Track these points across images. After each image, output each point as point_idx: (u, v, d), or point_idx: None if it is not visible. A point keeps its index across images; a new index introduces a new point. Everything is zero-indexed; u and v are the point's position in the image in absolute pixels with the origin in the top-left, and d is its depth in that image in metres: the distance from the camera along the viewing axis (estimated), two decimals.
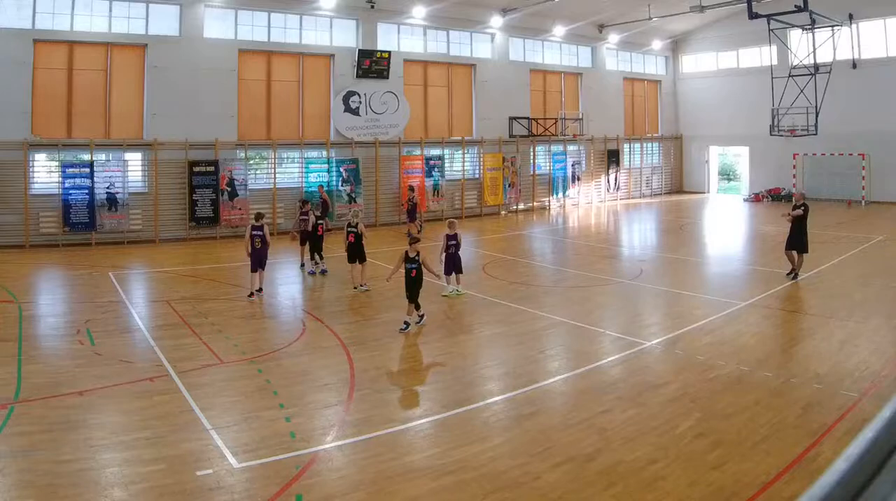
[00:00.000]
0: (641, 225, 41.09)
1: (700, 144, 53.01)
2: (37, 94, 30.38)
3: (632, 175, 51.63)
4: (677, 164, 54.37)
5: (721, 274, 24.74)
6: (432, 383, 13.77)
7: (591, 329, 17.18)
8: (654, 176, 53.13)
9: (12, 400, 12.02)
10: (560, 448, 10.29)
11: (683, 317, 18.12)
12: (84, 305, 19.89)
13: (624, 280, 23.43)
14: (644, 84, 52.43)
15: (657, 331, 16.83)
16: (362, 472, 9.71)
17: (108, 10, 31.75)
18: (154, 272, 25.77)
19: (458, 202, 41.77)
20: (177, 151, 32.87)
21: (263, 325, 18.39)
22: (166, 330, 16.99)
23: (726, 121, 49.85)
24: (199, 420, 11.36)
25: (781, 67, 41.13)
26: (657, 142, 53.40)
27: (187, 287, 22.57)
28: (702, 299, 20.33)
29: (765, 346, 15.76)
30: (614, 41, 49.05)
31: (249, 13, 35.22)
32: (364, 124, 38.36)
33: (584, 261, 27.77)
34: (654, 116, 53.45)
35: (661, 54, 53.15)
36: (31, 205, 30.07)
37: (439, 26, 41.23)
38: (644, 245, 34.17)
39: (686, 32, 51.78)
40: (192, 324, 17.49)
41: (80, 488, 9.10)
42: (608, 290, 21.99)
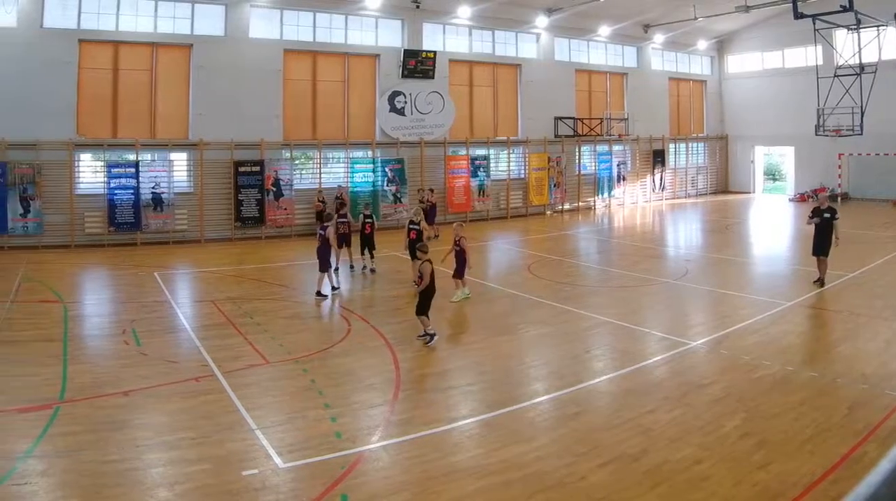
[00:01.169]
0: (687, 225, 39.23)
1: (745, 144, 50.62)
2: (82, 94, 29.08)
3: (677, 175, 49.36)
4: (723, 164, 51.93)
5: (766, 274, 23.64)
6: (477, 383, 13.11)
7: (636, 329, 16.51)
8: (699, 176, 50.79)
9: (57, 400, 11.67)
10: (605, 448, 9.96)
11: (729, 317, 17.40)
12: (129, 305, 19.08)
13: (669, 280, 22.43)
14: (689, 84, 50.05)
15: (702, 331, 16.18)
16: (407, 472, 9.42)
17: (153, 9, 30.34)
18: (199, 272, 24.79)
19: (503, 202, 39.89)
20: (222, 151, 31.42)
21: (309, 325, 17.69)
22: (212, 330, 16.39)
23: (771, 121, 47.51)
24: (244, 420, 11.02)
25: (827, 67, 39.18)
26: (702, 143, 51.05)
27: (233, 287, 21.70)
28: (747, 299, 19.45)
29: (810, 346, 15.53)
30: (660, 41, 46.85)
31: (295, 13, 33.66)
32: (409, 124, 36.70)
33: (629, 261, 26.46)
34: (700, 116, 51.08)
35: (706, 54, 50.74)
36: (76, 205, 28.78)
37: (484, 26, 39.37)
38: (689, 245, 32.70)
39: (731, 32, 49.35)
40: (237, 324, 16.85)
41: (124, 488, 8.84)
42: (653, 290, 21.08)
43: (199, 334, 16.07)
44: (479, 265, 26.47)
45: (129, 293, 20.84)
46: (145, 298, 19.94)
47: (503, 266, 27.08)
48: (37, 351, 14.51)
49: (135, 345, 15.05)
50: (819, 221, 20.25)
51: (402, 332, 16.24)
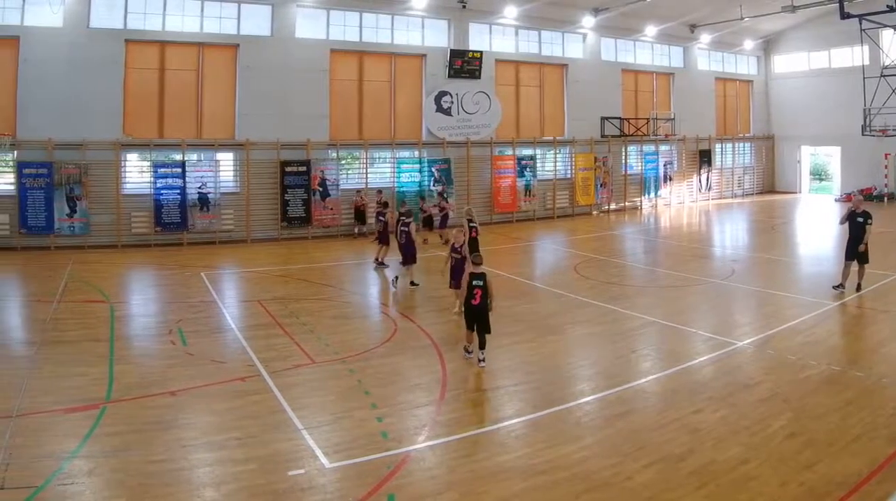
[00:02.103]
0: (733, 225, 37.31)
1: (792, 144, 47.96)
2: (128, 95, 27.74)
3: (723, 175, 46.88)
4: (769, 164, 49.27)
5: (812, 274, 22.46)
6: (524, 383, 12.60)
7: (682, 329, 15.91)
8: (745, 176, 48.21)
9: (104, 400, 11.33)
10: (652, 448, 9.64)
11: (775, 317, 16.75)
12: (176, 305, 18.46)
13: (715, 280, 21.54)
14: (736, 84, 47.48)
15: (749, 331, 15.59)
16: (454, 472, 9.12)
17: (199, 10, 28.90)
18: (246, 272, 23.64)
19: (549, 202, 37.88)
20: (268, 151, 29.91)
21: (355, 325, 16.86)
22: (258, 330, 15.86)
23: (818, 121, 44.91)
24: (290, 420, 10.68)
25: (873, 67, 37.50)
26: (749, 143, 48.45)
27: (279, 287, 20.87)
28: (793, 299, 18.69)
29: (856, 346, 15.01)
30: (706, 41, 44.40)
31: (341, 13, 32.01)
32: (456, 124, 34.89)
33: (675, 261, 25.36)
34: (746, 116, 48.46)
35: (752, 54, 48.12)
36: (122, 205, 27.46)
37: (531, 26, 37.37)
38: (736, 245, 31.10)
39: (778, 32, 46.78)
40: (283, 324, 16.28)
41: (171, 488, 8.58)
42: (700, 290, 20.29)
43: (245, 334, 15.51)
44: (527, 265, 26.10)
45: (176, 293, 20.13)
46: (191, 298, 19.21)
47: (550, 266, 26.05)
48: (83, 351, 14.02)
49: (181, 345, 14.59)
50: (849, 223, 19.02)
51: (448, 332, 15.65)
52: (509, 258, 26.86)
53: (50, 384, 12.05)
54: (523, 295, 19.59)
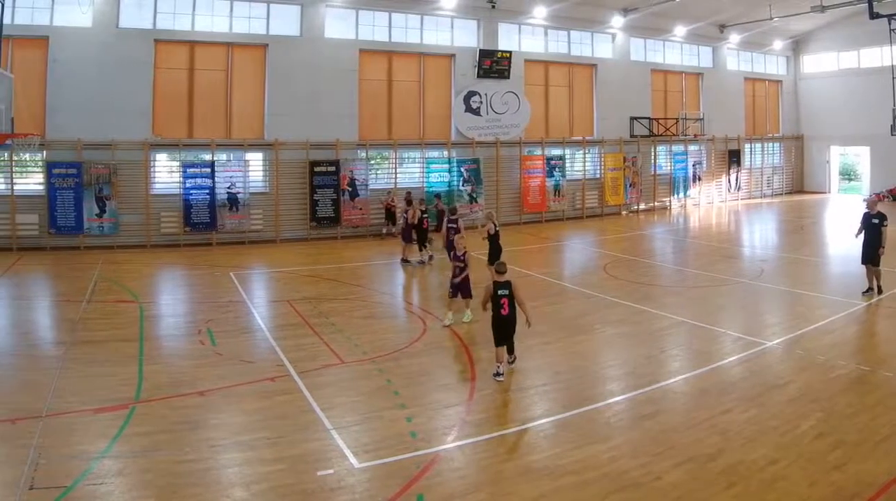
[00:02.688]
0: (762, 225, 35.87)
1: (821, 144, 46.08)
2: (157, 94, 26.76)
3: (752, 175, 45.05)
4: (798, 164, 47.36)
5: (842, 274, 21.43)
6: (553, 383, 12.21)
7: (711, 329, 15.37)
8: (774, 176, 46.35)
9: (133, 400, 11.05)
10: (681, 449, 9.38)
11: (804, 317, 16.21)
12: (205, 305, 17.94)
13: (744, 280, 20.77)
14: (765, 84, 45.65)
15: (778, 331, 15.07)
16: (483, 472, 8.94)
17: (228, 10, 27.87)
18: (275, 272, 22.80)
19: (578, 202, 36.45)
20: (297, 151, 28.80)
21: (384, 325, 16.31)
22: (287, 330, 15.38)
23: (847, 121, 43.12)
24: (319, 420, 10.39)
25: None
26: (778, 143, 46.53)
27: (308, 287, 20.19)
28: (822, 299, 18.11)
29: (886, 346, 14.47)
30: (735, 41, 42.74)
31: (370, 13, 30.84)
32: (485, 124, 33.56)
33: (704, 261, 24.33)
34: (775, 116, 46.59)
35: (781, 54, 46.25)
36: (152, 205, 26.48)
37: (560, 26, 35.93)
38: (765, 245, 29.90)
39: (807, 32, 44.88)
40: (312, 324, 15.78)
41: (200, 488, 8.34)
42: (729, 290, 19.55)
43: (274, 334, 15.05)
44: (556, 265, 25.03)
45: (205, 293, 19.53)
46: (221, 298, 18.60)
47: (579, 266, 25.07)
48: (113, 352, 13.65)
49: (210, 345, 14.19)
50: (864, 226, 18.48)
51: (477, 332, 15.07)
52: (538, 258, 26.04)
53: (79, 384, 11.69)
54: (552, 295, 18.97)
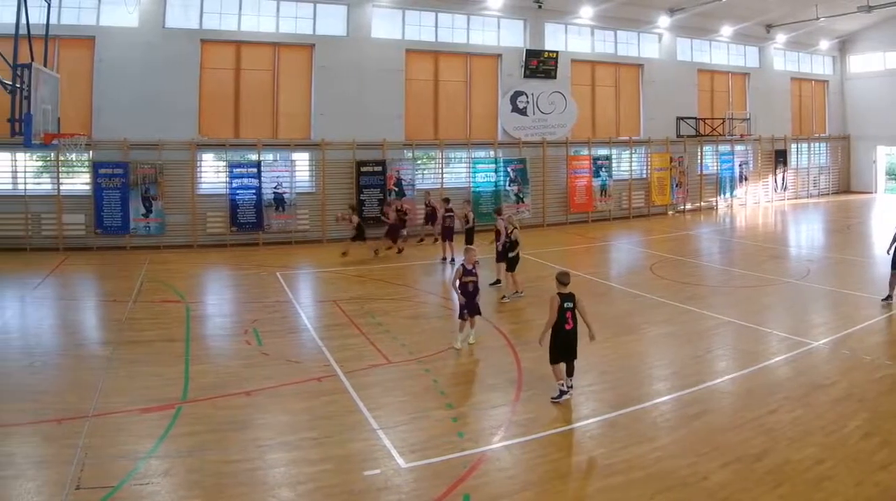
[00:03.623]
0: (808, 225, 33.43)
1: (867, 144, 42.73)
2: (204, 94, 24.93)
3: (799, 175, 41.90)
4: (844, 164, 44.04)
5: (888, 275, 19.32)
6: (599, 383, 11.57)
7: (757, 329, 14.57)
8: (821, 176, 43.12)
9: (180, 400, 10.56)
10: (728, 448, 8.85)
11: (850, 317, 15.37)
12: (251, 305, 16.93)
13: (791, 279, 19.68)
14: (811, 84, 42.41)
15: (824, 331, 14.34)
16: (530, 472, 8.41)
17: (275, 10, 25.96)
18: (321, 272, 21.43)
19: (625, 202, 33.92)
20: (344, 151, 26.77)
21: (431, 325, 15.43)
22: (334, 330, 14.55)
23: (894, 121, 39.87)
24: (366, 420, 9.93)
25: None
26: (824, 143, 43.30)
27: (354, 286, 18.99)
28: (868, 299, 16.91)
29: None
30: (781, 41, 39.65)
31: (417, 13, 28.71)
32: (531, 124, 31.21)
33: (750, 261, 22.83)
34: (822, 116, 43.31)
35: (828, 54, 42.94)
36: (198, 205, 24.66)
37: (607, 26, 33.36)
38: (811, 245, 28.06)
39: (853, 32, 41.57)
40: (359, 324, 14.92)
41: (246, 488, 7.93)
42: (775, 290, 18.49)
43: (321, 334, 14.25)
44: (602, 265, 23.53)
45: (251, 293, 18.33)
46: (267, 298, 17.52)
47: (625, 266, 23.59)
48: (159, 352, 13.04)
49: (257, 345, 13.48)
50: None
51: (523, 333, 14.21)
52: (585, 258, 24.53)
53: (125, 384, 11.17)
54: (599, 295, 17.81)
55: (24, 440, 9.14)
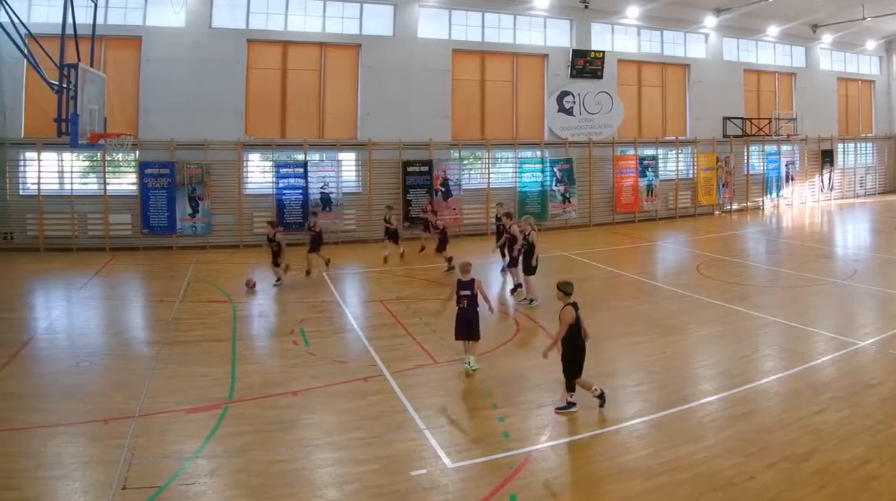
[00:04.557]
0: (855, 225, 30.47)
1: None
2: (250, 94, 22.95)
3: (845, 175, 38.42)
4: (891, 164, 40.25)
5: None
6: (646, 383, 10.58)
7: (804, 329, 13.43)
8: (867, 176, 39.53)
9: (226, 400, 9.75)
10: (774, 448, 8.08)
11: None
12: (298, 305, 15.59)
13: (837, 280, 18.11)
14: (858, 84, 38.78)
15: (871, 331, 13.07)
16: (576, 472, 7.75)
17: (321, 9, 23.89)
18: (367, 272, 19.59)
19: (671, 202, 31.08)
20: (390, 151, 24.59)
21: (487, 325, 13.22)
22: (380, 330, 13.48)
23: None
24: (412, 419, 9.08)
25: None
26: (871, 143, 39.68)
27: (401, 287, 17.47)
28: None
29: None
30: (828, 41, 36.20)
31: (463, 13, 26.35)
32: (578, 124, 28.65)
33: (797, 261, 21.09)
34: (868, 116, 39.60)
35: (874, 54, 39.28)
36: (244, 205, 22.70)
37: (653, 26, 30.55)
38: (857, 245, 25.40)
39: None
40: (405, 324, 13.78)
41: (293, 488, 7.31)
42: (821, 290, 17.05)
43: (367, 334, 13.18)
44: (649, 265, 21.62)
45: (298, 293, 16.80)
46: (314, 298, 16.20)
47: (672, 266, 21.63)
48: (206, 352, 12.12)
49: (303, 345, 12.50)
50: None
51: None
52: (632, 258, 22.55)
53: (172, 384, 10.41)
54: (646, 294, 16.60)
55: (71, 440, 8.48)
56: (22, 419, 8.96)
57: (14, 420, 8.94)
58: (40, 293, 17.17)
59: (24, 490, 7.19)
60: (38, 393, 9.99)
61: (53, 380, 10.55)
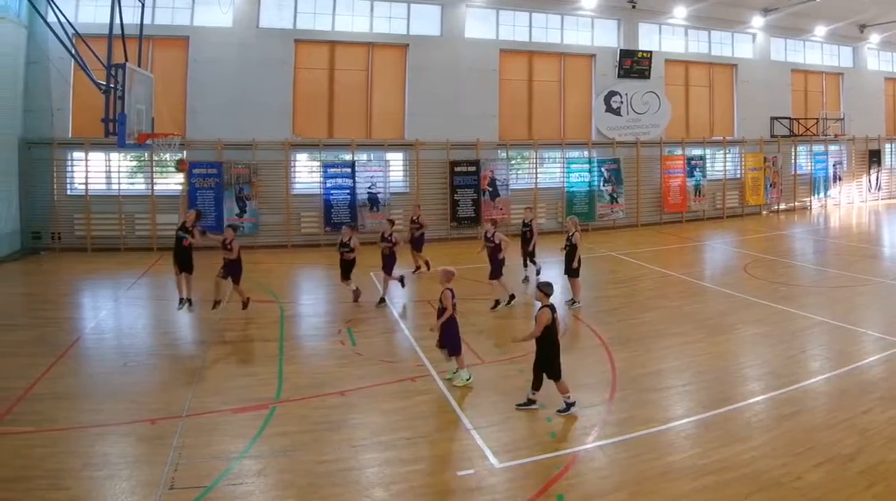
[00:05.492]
0: None
1: None
2: (297, 94, 20.71)
3: (893, 175, 34.47)
4: None
5: None
6: (693, 383, 9.37)
7: (851, 329, 11.80)
8: None
9: (273, 400, 8.79)
10: (821, 448, 7.31)
11: None
12: (345, 305, 13.92)
13: (885, 279, 16.27)
14: None
15: None
16: (624, 472, 6.95)
17: (369, 9, 21.61)
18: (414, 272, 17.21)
19: (719, 202, 28.05)
20: (438, 151, 22.14)
21: (524, 325, 12.00)
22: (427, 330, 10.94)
23: None
24: (459, 420, 8.17)
25: None
26: None
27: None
28: None
29: None
30: (875, 41, 32.45)
31: (511, 13, 23.77)
32: (625, 124, 25.86)
33: (844, 261, 19.11)
34: None
35: None
36: (292, 205, 20.56)
37: (700, 26, 27.46)
38: None
39: None
40: None
41: (340, 488, 6.66)
42: (869, 290, 15.27)
43: (414, 334, 11.83)
44: (696, 265, 19.41)
45: (345, 293, 14.67)
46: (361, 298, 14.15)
47: (719, 266, 19.52)
48: (253, 352, 11.17)
49: (350, 345, 11.32)
50: None
51: (618, 332, 11.85)
52: (679, 258, 20.45)
53: (219, 384, 9.48)
54: (693, 295, 15.06)
55: (119, 440, 7.75)
56: (69, 418, 8.18)
57: (62, 420, 8.15)
58: (88, 293, 15.72)
59: (71, 490, 6.54)
60: (85, 393, 9.11)
61: (101, 380, 9.70)
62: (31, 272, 17.44)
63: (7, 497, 6.41)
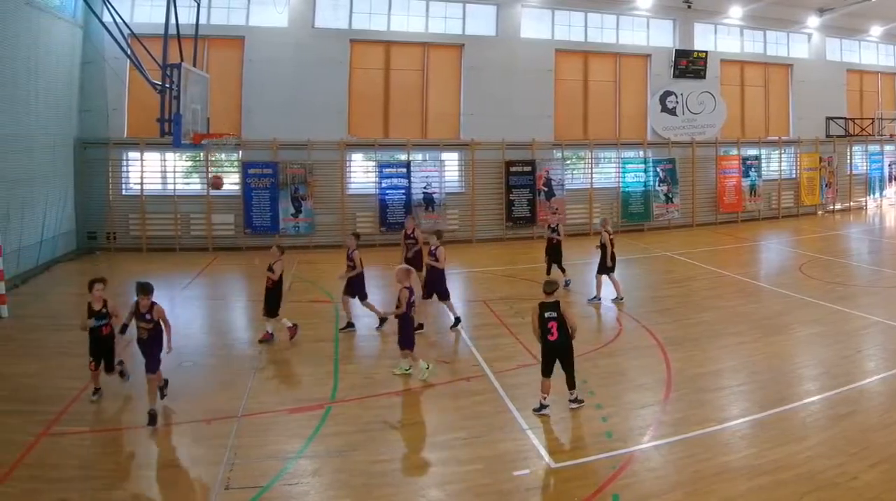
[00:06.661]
0: None
1: None
2: (353, 94, 18.09)
3: None
4: None
5: None
6: (749, 383, 8.22)
7: None
8: None
9: (329, 399, 7.78)
10: (877, 449, 6.36)
11: None
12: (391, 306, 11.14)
13: None
14: None
15: None
16: (679, 472, 6.08)
17: (424, 9, 18.89)
18: (471, 272, 15.47)
19: (774, 202, 24.43)
20: (493, 151, 19.25)
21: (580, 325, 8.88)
22: (483, 330, 10.55)
23: None
24: (515, 420, 7.18)
25: None
26: None
27: (504, 287, 13.99)
28: None
29: None
30: None
31: (566, 13, 20.73)
32: (680, 124, 22.53)
33: None
34: None
35: None
36: (347, 204, 17.94)
37: (756, 26, 23.82)
38: None
39: None
40: (509, 324, 10.72)
41: (395, 488, 5.93)
42: None
43: (470, 334, 10.35)
44: (752, 265, 17.12)
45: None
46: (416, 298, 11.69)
47: (775, 266, 17.32)
48: (308, 352, 9.56)
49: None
50: None
51: (673, 332, 10.18)
52: (735, 258, 18.05)
53: (274, 384, 8.37)
54: (748, 295, 13.25)
55: (175, 440, 6.77)
56: (126, 420, 7.40)
57: (118, 420, 7.41)
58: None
59: (128, 490, 5.85)
60: (140, 394, 7.89)
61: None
62: (86, 272, 15.23)
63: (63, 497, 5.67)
